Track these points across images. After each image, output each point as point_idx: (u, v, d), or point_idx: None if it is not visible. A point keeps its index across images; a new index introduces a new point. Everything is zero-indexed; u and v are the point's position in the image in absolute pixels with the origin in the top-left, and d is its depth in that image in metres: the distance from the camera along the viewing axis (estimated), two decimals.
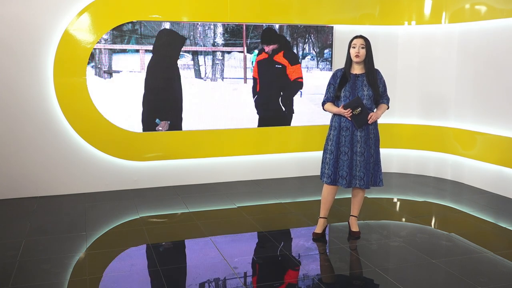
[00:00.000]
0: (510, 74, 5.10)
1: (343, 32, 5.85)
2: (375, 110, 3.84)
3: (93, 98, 5.13)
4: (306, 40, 5.87)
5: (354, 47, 3.75)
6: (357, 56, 3.73)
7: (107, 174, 5.33)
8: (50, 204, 4.91)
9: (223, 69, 5.58)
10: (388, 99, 3.91)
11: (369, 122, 3.74)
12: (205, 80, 5.53)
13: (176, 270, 3.38)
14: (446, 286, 3.19)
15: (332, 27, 5.88)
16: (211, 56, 5.53)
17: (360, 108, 3.68)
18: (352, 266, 3.53)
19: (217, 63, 5.53)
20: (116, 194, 5.24)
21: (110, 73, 5.16)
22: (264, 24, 5.62)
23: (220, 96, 5.61)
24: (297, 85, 5.87)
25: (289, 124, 5.91)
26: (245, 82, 5.67)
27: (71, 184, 5.24)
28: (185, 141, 5.54)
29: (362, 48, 3.74)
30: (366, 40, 3.78)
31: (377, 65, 3.99)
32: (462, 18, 5.57)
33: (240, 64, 5.60)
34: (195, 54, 5.46)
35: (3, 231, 4.14)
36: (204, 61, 5.49)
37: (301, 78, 5.86)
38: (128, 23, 5.16)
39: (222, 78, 5.60)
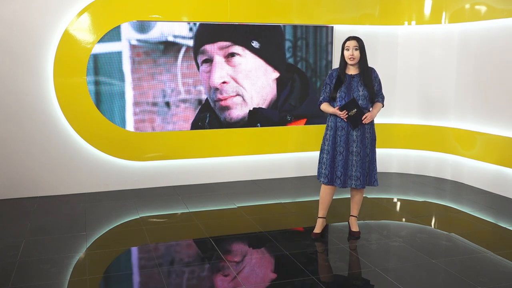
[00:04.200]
0: (510, 74, 5.10)
1: (343, 32, 5.84)
2: (371, 109, 3.85)
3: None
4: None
5: (347, 50, 3.76)
6: (351, 58, 3.74)
7: (107, 174, 5.34)
8: (50, 204, 4.91)
9: None
10: (383, 98, 3.91)
11: (364, 122, 3.74)
12: None
13: (176, 270, 3.38)
14: (446, 286, 3.19)
15: (332, 27, 5.88)
16: None
17: (355, 110, 3.68)
18: (352, 266, 3.53)
19: None
20: (116, 194, 5.24)
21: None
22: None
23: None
24: None
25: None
26: None
27: (71, 184, 5.24)
28: (185, 141, 5.54)
29: (356, 50, 3.75)
30: (359, 41, 3.77)
31: (377, 65, 4.00)
32: (462, 18, 5.57)
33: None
34: None
35: (3, 231, 4.14)
36: None
37: None
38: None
39: None
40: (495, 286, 3.14)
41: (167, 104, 5.40)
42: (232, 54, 5.49)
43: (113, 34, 5.10)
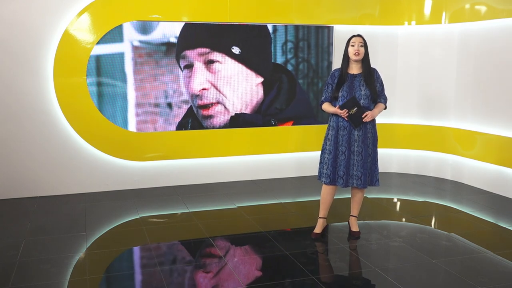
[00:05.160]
0: (510, 74, 5.10)
1: (343, 32, 5.85)
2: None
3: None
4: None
5: (353, 45, 3.76)
6: (356, 54, 3.74)
7: (107, 174, 5.34)
8: (50, 204, 4.91)
9: None
10: (385, 99, 3.91)
11: (364, 120, 3.74)
12: None
13: (176, 270, 3.38)
14: (446, 286, 3.19)
15: (332, 27, 5.89)
16: None
17: (356, 108, 3.69)
18: (352, 266, 3.53)
19: None
20: (116, 194, 5.24)
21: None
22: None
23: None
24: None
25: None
26: None
27: (71, 184, 5.24)
28: (185, 141, 5.54)
29: (361, 46, 3.75)
30: (364, 39, 3.79)
31: (377, 65, 4.00)
32: (462, 18, 5.57)
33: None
34: None
35: (3, 231, 4.14)
36: None
37: None
38: None
39: None
40: (495, 286, 3.14)
41: (169, 105, 5.40)
42: (212, 61, 5.43)
43: (116, 35, 5.10)
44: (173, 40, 5.30)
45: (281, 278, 3.28)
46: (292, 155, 6.00)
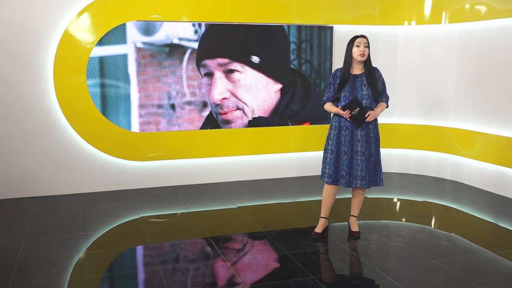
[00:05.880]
0: (510, 74, 5.10)
1: (343, 32, 5.85)
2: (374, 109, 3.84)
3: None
4: None
5: (358, 46, 3.73)
6: (361, 55, 3.72)
7: (107, 174, 5.34)
8: (50, 204, 4.91)
9: None
10: (387, 98, 3.90)
11: (367, 120, 3.73)
12: None
13: (176, 270, 3.38)
14: (446, 286, 3.19)
15: (332, 27, 5.88)
16: None
17: (358, 108, 3.68)
18: (352, 266, 3.53)
19: None
20: (116, 194, 5.24)
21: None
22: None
23: None
24: None
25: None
26: None
27: (71, 184, 5.24)
28: (185, 141, 5.54)
29: (366, 47, 3.74)
30: (368, 39, 3.78)
31: (377, 65, 3.99)
32: (462, 18, 5.57)
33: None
34: None
35: (3, 231, 4.14)
36: None
37: None
38: None
39: None
40: (495, 286, 3.14)
41: (172, 106, 5.40)
42: (231, 71, 5.48)
43: (119, 37, 5.10)
44: (176, 41, 5.31)
45: (281, 278, 3.28)
46: (293, 155, 6.00)
